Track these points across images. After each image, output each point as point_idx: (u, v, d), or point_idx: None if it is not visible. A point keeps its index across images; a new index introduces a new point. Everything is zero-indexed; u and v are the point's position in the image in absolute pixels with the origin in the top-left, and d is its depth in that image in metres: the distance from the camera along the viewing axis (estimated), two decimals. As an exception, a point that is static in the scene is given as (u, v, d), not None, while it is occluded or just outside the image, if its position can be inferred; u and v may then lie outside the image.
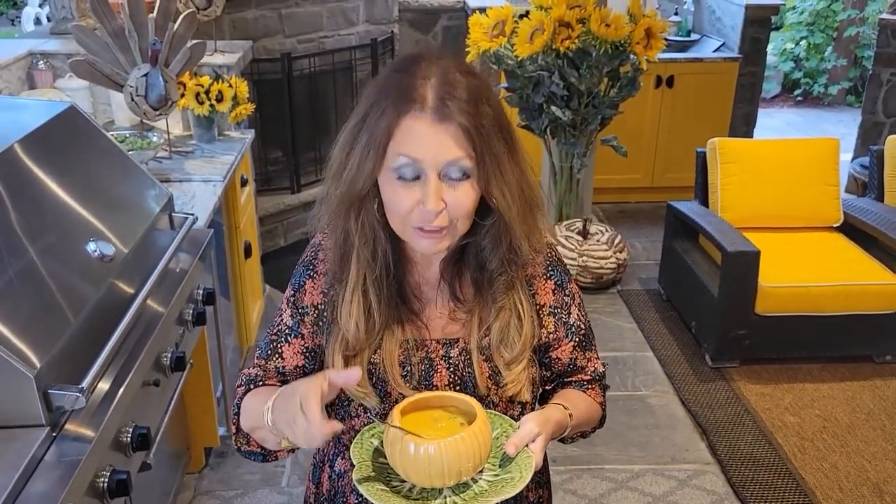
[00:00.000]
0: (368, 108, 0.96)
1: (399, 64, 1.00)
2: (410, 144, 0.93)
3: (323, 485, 1.20)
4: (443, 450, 0.91)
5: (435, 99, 0.92)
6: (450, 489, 0.96)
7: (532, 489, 1.20)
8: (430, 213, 0.95)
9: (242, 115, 2.79)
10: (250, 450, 1.10)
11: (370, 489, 0.94)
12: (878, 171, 3.52)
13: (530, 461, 0.96)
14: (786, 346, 3.12)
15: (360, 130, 0.97)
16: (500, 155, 0.96)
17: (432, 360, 1.08)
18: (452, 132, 0.92)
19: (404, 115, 0.93)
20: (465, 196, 0.96)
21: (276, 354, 1.12)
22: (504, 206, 0.99)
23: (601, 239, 3.75)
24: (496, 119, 0.97)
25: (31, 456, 1.22)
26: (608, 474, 2.55)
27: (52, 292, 1.43)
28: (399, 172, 0.95)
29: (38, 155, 1.66)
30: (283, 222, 4.05)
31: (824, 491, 2.46)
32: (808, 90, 7.66)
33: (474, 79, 0.97)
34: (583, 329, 1.16)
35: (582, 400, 1.16)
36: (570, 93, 3.45)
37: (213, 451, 2.57)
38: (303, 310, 1.11)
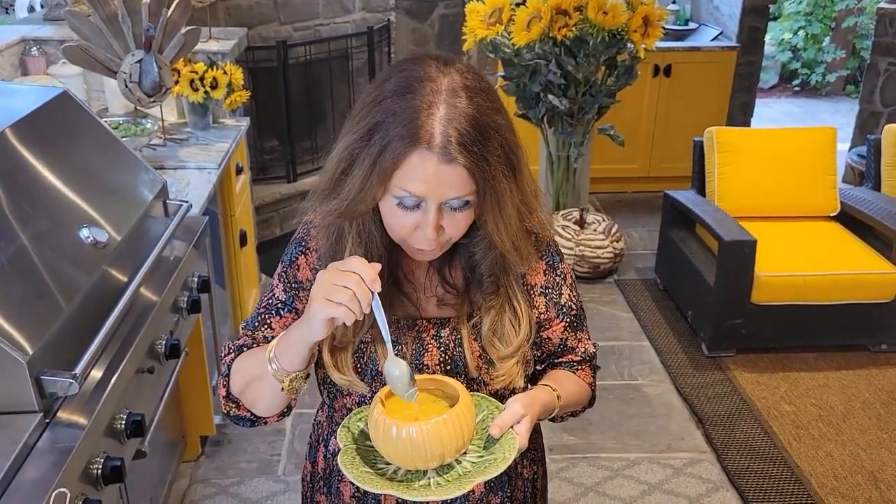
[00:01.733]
0: (373, 126, 0.93)
1: (405, 80, 0.94)
2: (414, 182, 0.92)
3: (318, 463, 1.21)
4: (424, 432, 0.91)
5: (441, 136, 0.90)
6: (434, 471, 0.97)
7: (526, 466, 1.21)
8: (428, 241, 0.96)
9: (237, 102, 2.78)
10: (239, 414, 1.10)
11: (355, 472, 0.95)
12: (875, 161, 3.52)
13: (514, 442, 0.96)
14: (782, 336, 3.12)
15: (363, 150, 0.93)
16: (503, 192, 0.95)
17: (423, 338, 1.08)
18: (458, 173, 0.91)
19: (410, 154, 0.91)
20: (464, 221, 0.98)
21: (264, 325, 1.12)
22: (497, 239, 1.00)
23: (598, 228, 3.75)
24: (503, 151, 0.95)
25: (24, 442, 1.22)
26: (604, 462, 2.55)
27: (44, 279, 1.42)
28: (400, 200, 0.95)
29: (31, 141, 1.64)
30: (279, 211, 4.03)
31: (819, 479, 2.46)
32: (806, 80, 7.65)
33: (483, 101, 0.94)
34: (574, 310, 1.16)
35: (571, 381, 1.17)
36: (567, 81, 3.43)
37: (208, 440, 2.56)
38: (297, 284, 1.10)
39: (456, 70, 0.96)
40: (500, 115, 0.96)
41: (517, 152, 0.98)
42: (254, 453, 2.54)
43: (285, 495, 2.36)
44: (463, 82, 0.94)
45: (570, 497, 2.39)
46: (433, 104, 0.91)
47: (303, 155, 4.13)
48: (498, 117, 0.95)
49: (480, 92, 0.95)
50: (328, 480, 1.19)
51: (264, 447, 2.56)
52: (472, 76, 0.96)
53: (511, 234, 1.00)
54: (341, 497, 1.17)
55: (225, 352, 1.13)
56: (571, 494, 2.40)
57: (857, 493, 2.41)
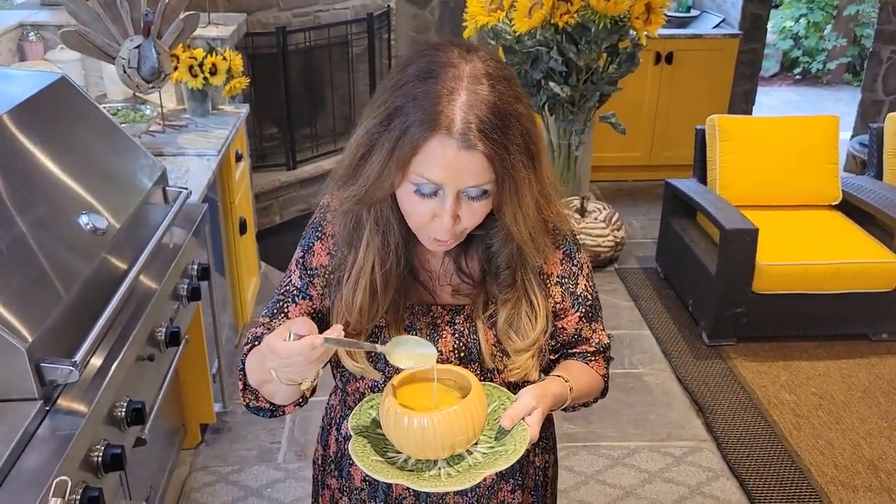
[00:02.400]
0: (392, 111, 0.92)
1: (428, 65, 0.93)
2: (433, 168, 0.91)
3: (330, 447, 1.21)
4: (436, 423, 0.91)
5: (462, 123, 0.89)
6: (444, 461, 0.96)
7: (538, 454, 1.21)
8: (444, 230, 0.95)
9: (237, 88, 2.76)
10: (259, 405, 1.10)
11: (365, 461, 0.95)
12: (877, 149, 3.50)
13: (525, 434, 0.96)
14: (782, 324, 3.12)
15: (383, 135, 0.93)
16: (521, 181, 0.94)
17: (437, 325, 1.07)
18: (477, 160, 0.90)
19: (430, 139, 0.90)
20: (481, 210, 0.97)
21: (281, 313, 1.12)
22: (515, 231, 0.99)
23: (599, 217, 3.74)
24: (523, 140, 0.94)
25: (24, 430, 1.21)
26: (604, 451, 2.55)
27: (43, 266, 1.41)
28: (418, 187, 0.94)
29: (28, 126, 1.63)
30: (279, 199, 4.02)
31: (819, 468, 2.46)
32: (807, 68, 7.61)
33: (505, 89, 0.93)
34: (589, 300, 1.15)
35: (584, 372, 1.16)
36: (569, 69, 3.41)
37: (209, 428, 2.56)
38: (312, 271, 1.10)
39: (479, 57, 0.94)
40: (522, 103, 0.95)
41: (537, 142, 0.97)
42: (254, 441, 2.54)
43: (285, 483, 2.36)
44: (485, 69, 0.93)
45: (570, 485, 2.39)
46: (454, 90, 0.90)
47: (302, 142, 4.11)
48: (519, 106, 0.94)
49: (502, 80, 0.94)
50: (339, 464, 1.20)
51: (264, 435, 2.56)
52: (494, 64, 0.95)
53: (529, 226, 0.99)
54: (352, 481, 1.18)
55: (245, 340, 1.13)
56: (572, 482, 2.40)
57: (858, 482, 2.41)
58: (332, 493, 1.22)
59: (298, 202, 4.11)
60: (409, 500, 1.15)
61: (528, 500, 1.21)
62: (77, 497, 1.23)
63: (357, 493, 1.17)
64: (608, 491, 2.38)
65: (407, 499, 1.15)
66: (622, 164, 4.73)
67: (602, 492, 2.38)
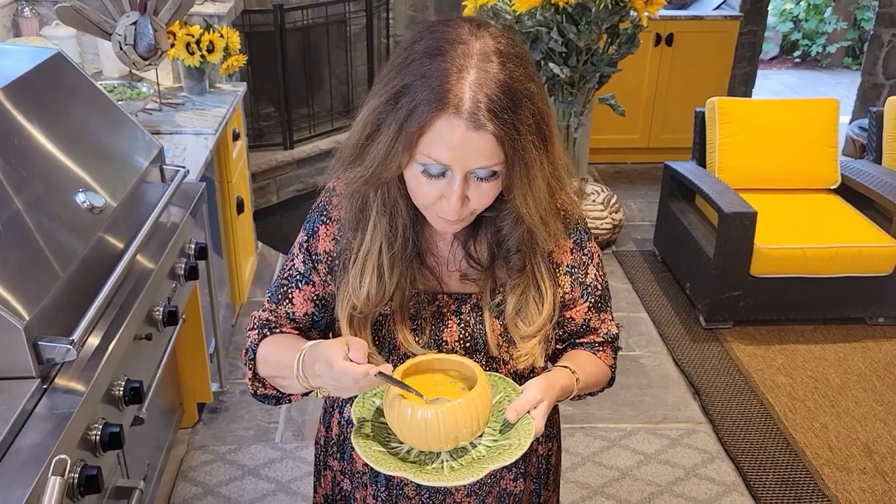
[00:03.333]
0: (400, 90, 0.90)
1: (436, 41, 0.90)
2: (440, 149, 0.88)
3: (332, 429, 1.21)
4: (440, 416, 0.90)
5: (471, 102, 0.86)
6: (447, 453, 0.95)
7: (542, 443, 1.20)
8: (452, 211, 0.93)
9: (234, 66, 2.73)
10: (266, 393, 1.10)
11: (367, 451, 0.94)
12: (876, 133, 3.49)
13: (530, 428, 0.95)
14: (779, 308, 3.12)
15: (390, 115, 0.90)
16: (532, 162, 0.92)
17: (443, 314, 1.06)
18: (486, 140, 0.88)
19: (438, 118, 0.87)
20: (490, 192, 0.94)
21: (286, 300, 1.11)
22: (525, 212, 0.96)
23: (597, 199, 3.73)
24: (534, 120, 0.91)
25: (22, 408, 1.20)
26: (601, 433, 2.56)
27: (39, 244, 1.40)
28: (425, 168, 0.91)
29: (24, 103, 1.61)
30: (276, 179, 4.00)
31: (814, 450, 2.48)
32: (807, 51, 7.58)
33: (516, 67, 0.90)
34: (599, 290, 1.14)
35: (591, 363, 1.14)
36: (569, 49, 3.38)
37: (206, 407, 2.56)
38: (316, 256, 1.08)
39: (489, 34, 0.91)
40: (534, 82, 0.92)
41: (549, 123, 0.94)
42: (251, 421, 2.54)
43: (283, 462, 2.37)
44: (496, 46, 0.90)
45: (566, 466, 2.40)
46: (463, 68, 0.88)
47: (299, 122, 4.09)
48: (531, 85, 0.91)
49: (514, 58, 0.91)
50: (341, 447, 1.19)
51: (261, 415, 2.57)
52: (506, 41, 0.92)
53: (540, 208, 0.96)
54: (354, 464, 1.17)
55: (250, 325, 1.12)
56: (568, 464, 2.41)
57: (852, 464, 2.42)
58: (334, 475, 1.22)
59: (295, 182, 4.09)
60: (410, 486, 1.14)
61: (530, 487, 1.21)
62: (75, 475, 1.23)
63: (359, 476, 1.17)
64: (604, 472, 2.39)
65: (409, 485, 1.14)
66: (621, 146, 4.72)
67: (598, 473, 2.39)
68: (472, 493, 1.14)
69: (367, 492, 1.17)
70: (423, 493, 1.14)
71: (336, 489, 1.22)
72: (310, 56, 4.04)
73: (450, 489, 1.14)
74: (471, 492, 1.14)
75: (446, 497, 1.14)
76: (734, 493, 2.32)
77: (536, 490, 1.22)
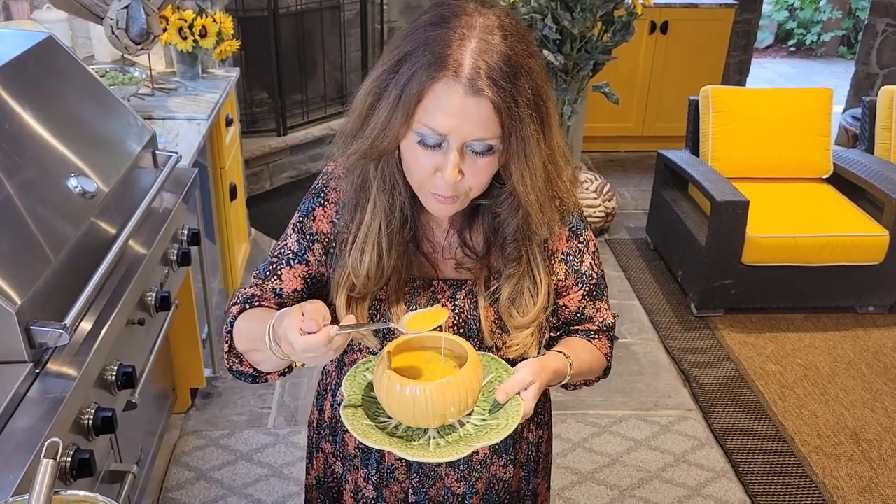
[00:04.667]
0: (402, 57, 0.90)
1: (441, 11, 0.92)
2: (437, 116, 0.88)
3: (325, 412, 1.21)
4: (428, 392, 0.90)
5: (470, 68, 0.86)
6: (435, 430, 0.96)
7: (532, 430, 1.21)
8: (446, 184, 0.93)
9: (227, 51, 2.72)
10: (242, 370, 1.10)
11: (355, 424, 0.95)
12: (869, 123, 3.51)
13: (519, 409, 0.95)
14: (770, 296, 3.14)
15: (391, 81, 0.91)
16: (529, 138, 0.91)
17: (438, 300, 1.06)
18: (483, 108, 0.87)
19: (437, 81, 0.87)
20: (485, 169, 0.93)
21: (274, 276, 1.10)
22: (521, 191, 0.96)
23: (590, 187, 3.74)
24: (533, 95, 0.91)
25: (14, 392, 1.21)
26: (592, 419, 2.58)
27: (31, 229, 1.40)
28: (422, 137, 0.91)
29: (15, 87, 1.60)
30: (269, 165, 3.99)
31: (803, 437, 2.50)
32: (802, 40, 7.58)
33: (517, 43, 0.90)
34: (594, 278, 1.13)
35: (586, 350, 1.14)
36: (563, 37, 3.38)
37: (199, 392, 2.57)
38: (311, 237, 1.08)
39: (494, 12, 0.92)
40: (534, 59, 0.92)
41: (547, 103, 0.94)
42: (244, 406, 2.55)
43: (275, 447, 2.38)
44: (499, 22, 0.91)
45: (557, 452, 2.42)
46: (465, 37, 0.88)
47: (293, 108, 4.07)
48: (531, 61, 0.91)
49: (516, 34, 0.91)
50: (334, 429, 1.20)
51: (254, 400, 2.58)
52: (510, 20, 0.92)
53: (536, 187, 0.96)
54: (346, 447, 1.18)
55: (233, 300, 1.11)
56: (559, 450, 2.43)
57: (840, 451, 2.45)
58: (326, 457, 1.23)
59: (289, 169, 4.09)
60: (401, 469, 1.15)
61: (520, 474, 1.21)
62: (68, 459, 1.23)
63: (350, 459, 1.18)
64: (594, 458, 2.41)
65: (399, 469, 1.15)
66: (615, 134, 4.72)
67: (588, 459, 2.41)
68: (462, 478, 1.15)
69: (359, 474, 1.18)
70: (413, 476, 1.15)
71: (328, 471, 1.23)
72: (303, 42, 4.03)
73: (439, 474, 1.15)
74: (461, 477, 1.15)
75: (436, 481, 1.15)
76: (723, 479, 2.35)
77: (526, 477, 1.22)
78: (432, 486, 1.15)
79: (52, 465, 0.78)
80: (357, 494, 1.19)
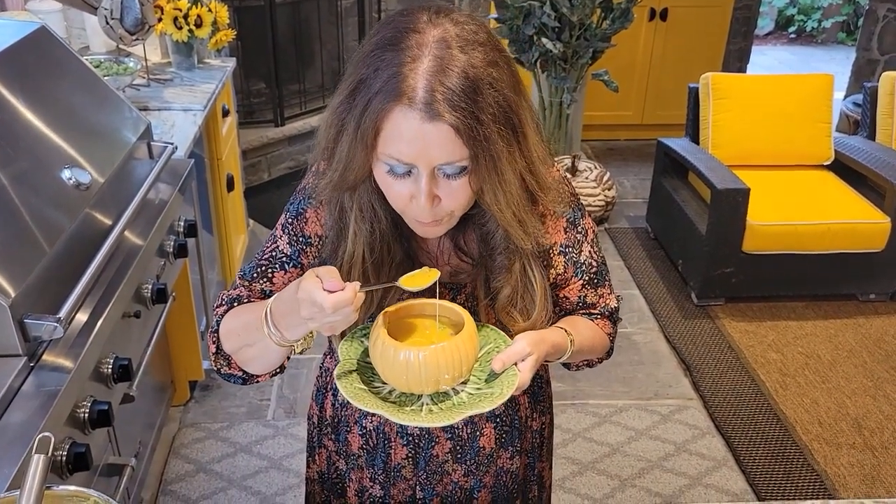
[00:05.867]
0: (356, 85, 0.85)
1: (392, 32, 0.85)
2: (398, 145, 0.83)
3: (326, 410, 1.19)
4: (422, 358, 0.89)
5: (425, 92, 0.80)
6: (428, 397, 0.95)
7: (535, 418, 1.20)
8: (423, 212, 0.89)
9: (223, 41, 2.70)
10: (231, 373, 1.05)
11: (348, 387, 0.93)
12: (870, 109, 3.48)
13: (514, 379, 0.93)
14: (771, 284, 3.13)
15: (348, 113, 0.86)
16: (499, 155, 0.85)
17: None
18: (444, 133, 0.82)
19: (391, 111, 0.82)
20: (461, 190, 0.88)
21: (264, 278, 1.06)
22: (496, 210, 0.90)
23: (589, 176, 3.72)
24: (500, 108, 0.84)
25: (9, 386, 1.20)
26: (592, 409, 2.57)
27: (25, 221, 1.38)
28: (390, 167, 0.86)
29: (7, 77, 1.58)
30: (267, 156, 3.97)
31: (804, 425, 2.49)
32: (802, 27, 7.54)
33: (478, 53, 0.83)
34: (594, 267, 1.11)
35: (588, 327, 1.12)
36: (562, 24, 3.35)
37: (197, 385, 2.56)
38: (305, 239, 1.04)
39: (451, 20, 0.86)
40: (499, 68, 0.85)
41: (519, 111, 0.88)
42: (243, 398, 2.54)
43: (275, 439, 2.38)
44: (456, 32, 0.84)
45: (558, 442, 2.41)
46: (418, 57, 0.82)
47: (290, 98, 4.05)
48: (494, 71, 0.84)
49: (476, 44, 0.84)
50: (336, 428, 1.18)
51: (253, 392, 2.57)
52: (470, 28, 0.85)
53: (513, 205, 0.90)
54: (349, 447, 1.16)
55: (217, 302, 1.07)
56: (559, 440, 2.42)
57: (841, 439, 2.44)
58: (328, 454, 1.21)
59: (286, 159, 4.06)
60: (408, 468, 1.13)
61: (525, 461, 1.21)
62: (63, 453, 1.22)
63: (354, 458, 1.16)
64: (595, 448, 2.40)
65: (406, 467, 1.13)
66: (614, 122, 4.70)
67: (589, 449, 2.40)
68: (469, 472, 1.14)
69: (364, 474, 1.16)
70: (419, 473, 1.13)
71: (331, 468, 1.21)
72: (300, 31, 3.99)
73: (446, 470, 1.13)
74: (468, 472, 1.14)
75: (443, 477, 1.14)
76: (724, 468, 2.34)
77: (531, 463, 1.22)
78: (440, 482, 1.14)
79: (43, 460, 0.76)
80: (362, 494, 1.17)
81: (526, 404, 1.17)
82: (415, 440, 1.12)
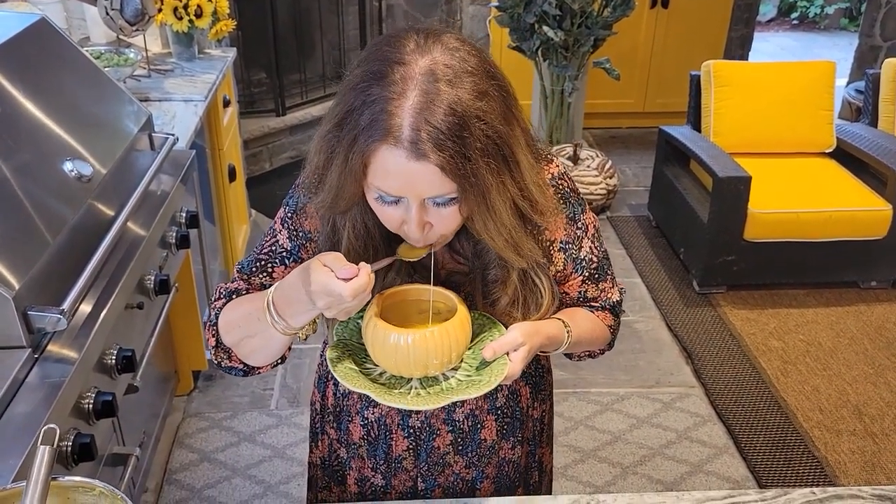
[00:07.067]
0: (344, 116, 0.85)
1: (380, 62, 0.84)
2: (386, 180, 0.84)
3: (328, 398, 1.19)
4: (411, 342, 0.90)
5: (410, 130, 0.80)
6: (418, 381, 0.96)
7: (536, 407, 1.20)
8: (414, 238, 0.90)
9: (223, 31, 2.69)
10: (231, 365, 1.05)
11: (339, 366, 0.94)
12: (873, 96, 3.47)
13: (504, 369, 0.93)
14: (773, 272, 3.13)
15: (337, 143, 0.86)
16: (489, 188, 0.85)
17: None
18: (430, 171, 0.81)
19: (377, 149, 0.82)
20: (452, 217, 0.88)
21: (263, 272, 1.06)
22: (487, 238, 0.91)
23: (591, 164, 3.71)
24: (489, 141, 0.83)
25: (13, 377, 1.20)
26: (593, 397, 2.58)
27: (28, 213, 1.39)
28: (379, 195, 0.87)
29: (8, 69, 1.58)
30: (268, 146, 3.97)
31: (805, 413, 2.50)
32: (805, 13, 7.50)
33: (466, 84, 0.82)
34: (595, 262, 1.10)
35: (587, 319, 1.12)
36: (563, 12, 3.34)
37: (201, 375, 2.57)
38: (305, 234, 1.04)
39: (440, 46, 0.84)
40: (488, 99, 0.83)
41: (510, 141, 0.86)
42: (246, 388, 2.56)
43: (278, 429, 2.39)
44: (444, 62, 0.82)
45: (559, 430, 2.43)
46: (403, 93, 0.81)
47: (291, 88, 4.04)
48: (483, 103, 0.82)
49: (465, 74, 0.82)
50: (338, 417, 1.18)
51: (257, 382, 2.58)
52: (460, 55, 0.84)
53: (504, 232, 0.90)
54: (350, 436, 1.17)
55: (216, 296, 1.07)
56: (561, 428, 2.43)
57: (842, 426, 2.45)
58: (330, 442, 1.22)
59: (288, 149, 4.06)
60: (409, 460, 1.14)
61: (527, 450, 1.21)
62: (68, 443, 1.23)
63: (355, 448, 1.17)
64: (597, 436, 2.42)
65: (407, 459, 1.14)
66: (616, 111, 4.69)
67: (591, 437, 2.41)
68: (471, 464, 1.15)
69: (365, 463, 1.17)
70: (421, 465, 1.14)
71: (333, 455, 1.22)
72: (301, 21, 3.98)
73: (448, 462, 1.14)
74: (469, 463, 1.15)
75: (445, 469, 1.14)
76: (725, 455, 2.35)
77: (532, 451, 1.23)
78: (441, 474, 1.15)
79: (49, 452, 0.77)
80: (363, 483, 1.18)
81: (527, 395, 1.17)
82: (416, 432, 1.12)
